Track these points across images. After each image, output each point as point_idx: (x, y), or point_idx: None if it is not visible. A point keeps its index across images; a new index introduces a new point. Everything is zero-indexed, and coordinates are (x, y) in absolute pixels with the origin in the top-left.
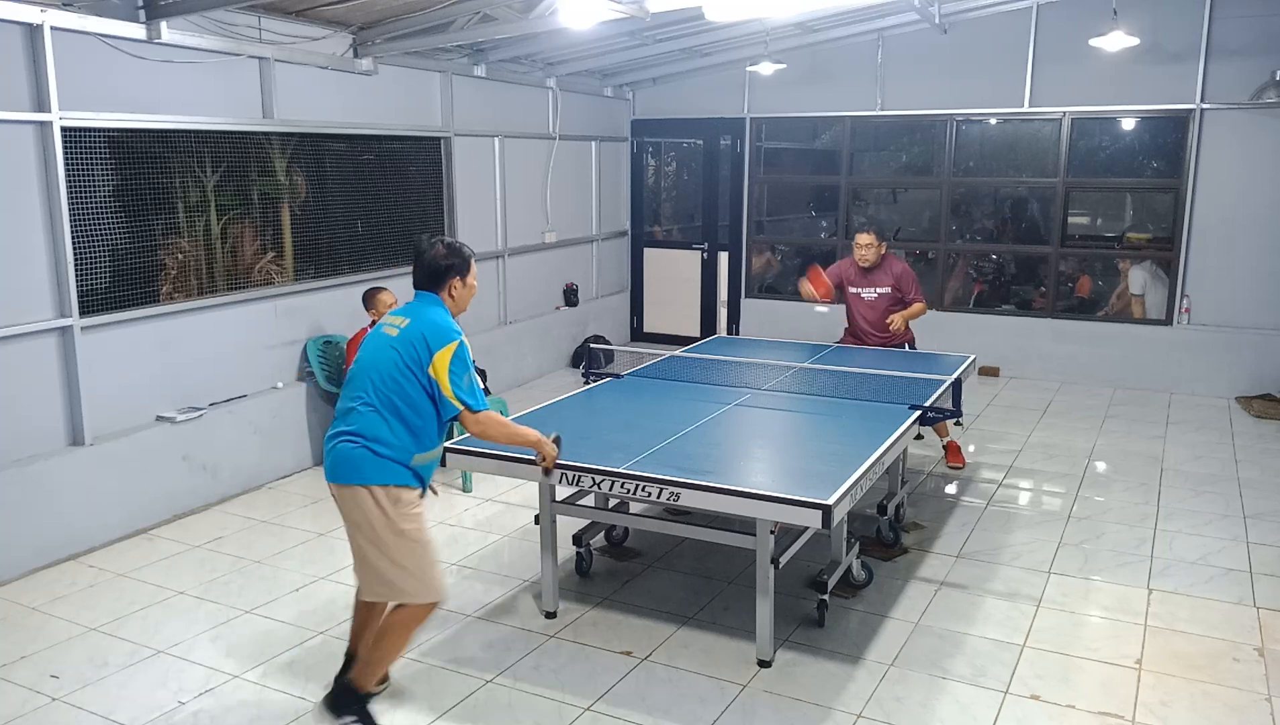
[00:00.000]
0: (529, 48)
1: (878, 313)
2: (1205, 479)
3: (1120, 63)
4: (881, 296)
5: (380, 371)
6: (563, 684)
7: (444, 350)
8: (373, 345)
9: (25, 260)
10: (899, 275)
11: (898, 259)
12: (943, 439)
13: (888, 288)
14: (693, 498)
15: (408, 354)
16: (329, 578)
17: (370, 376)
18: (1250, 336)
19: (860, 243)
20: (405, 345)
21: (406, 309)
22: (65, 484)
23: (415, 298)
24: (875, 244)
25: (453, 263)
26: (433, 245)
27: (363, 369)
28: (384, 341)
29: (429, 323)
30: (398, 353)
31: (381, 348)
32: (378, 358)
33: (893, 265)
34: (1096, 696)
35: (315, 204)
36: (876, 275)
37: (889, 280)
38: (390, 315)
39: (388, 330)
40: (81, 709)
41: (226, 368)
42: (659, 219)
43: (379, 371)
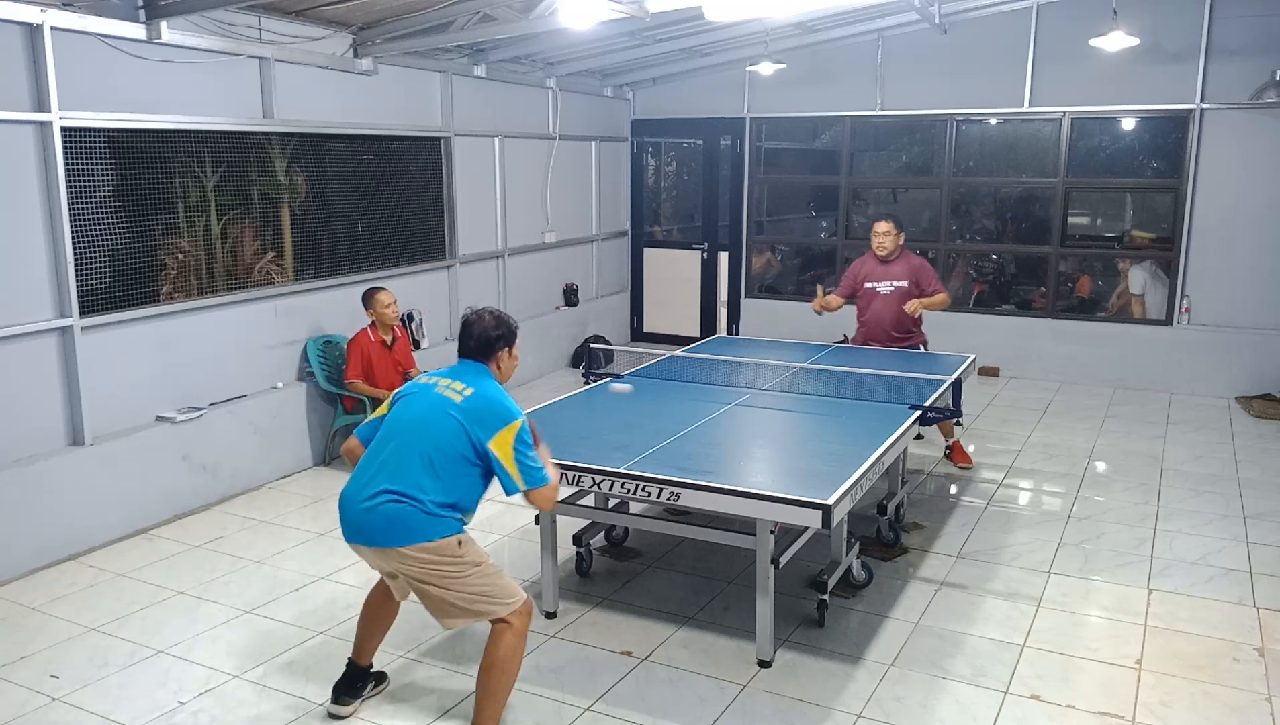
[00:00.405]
0: (529, 48)
1: (893, 308)
2: (1205, 479)
3: (1120, 63)
4: (897, 290)
5: (438, 433)
6: (563, 684)
7: (507, 429)
8: (426, 404)
9: (25, 260)
10: (916, 268)
11: (911, 254)
12: (947, 440)
13: (904, 282)
14: (693, 498)
15: (470, 423)
16: (329, 578)
17: (426, 436)
18: (1250, 336)
19: (879, 231)
20: (468, 414)
21: (463, 377)
22: (65, 484)
23: (462, 365)
24: (894, 232)
25: (501, 333)
26: (480, 316)
27: (413, 427)
28: (443, 403)
29: (494, 399)
30: (460, 421)
31: (439, 410)
32: (434, 419)
33: (910, 258)
34: (1096, 696)
35: (315, 204)
36: (894, 268)
37: (906, 274)
38: (442, 377)
39: (448, 393)
40: (81, 709)
41: (226, 368)
42: (659, 219)
43: (436, 433)
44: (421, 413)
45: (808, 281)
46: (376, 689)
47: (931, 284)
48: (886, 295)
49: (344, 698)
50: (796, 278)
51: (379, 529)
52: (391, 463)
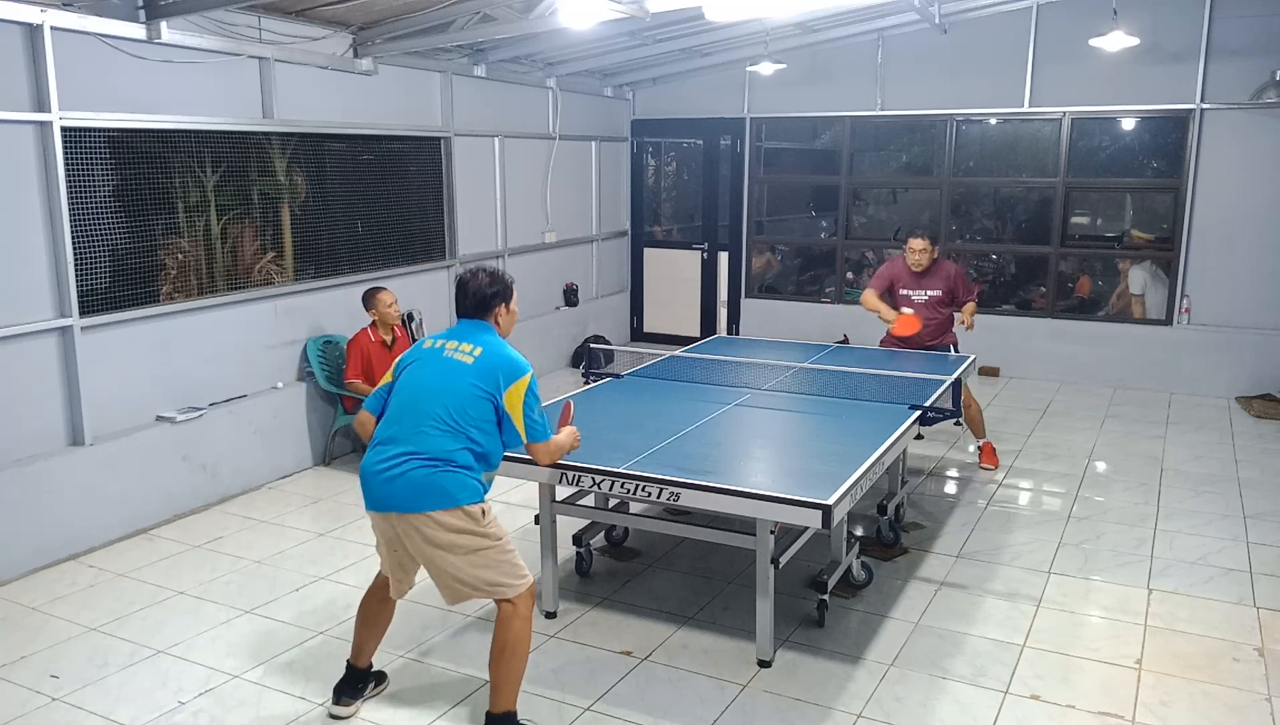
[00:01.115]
0: (529, 48)
1: (925, 315)
2: (1205, 479)
3: (1120, 63)
4: (932, 299)
5: (455, 395)
6: (563, 684)
7: (518, 383)
8: (439, 368)
9: (25, 260)
10: (952, 277)
11: (947, 260)
12: (978, 440)
13: (939, 291)
14: (693, 498)
15: (485, 382)
16: (329, 578)
17: (443, 400)
18: (1250, 336)
19: (914, 248)
20: (482, 374)
21: (468, 337)
22: (65, 484)
23: (462, 325)
24: (929, 249)
25: (497, 290)
26: (475, 274)
27: (430, 391)
28: (455, 366)
29: (503, 355)
30: (474, 379)
31: (453, 372)
32: (450, 382)
33: (945, 267)
34: (1096, 696)
35: (315, 204)
36: (929, 278)
37: (941, 283)
38: (449, 340)
39: (457, 356)
40: (81, 709)
41: (226, 368)
42: (659, 219)
43: (454, 395)
44: (436, 376)
45: (808, 282)
46: (377, 689)
47: (964, 292)
48: (920, 304)
49: (345, 699)
50: (796, 278)
51: (407, 495)
52: (411, 428)
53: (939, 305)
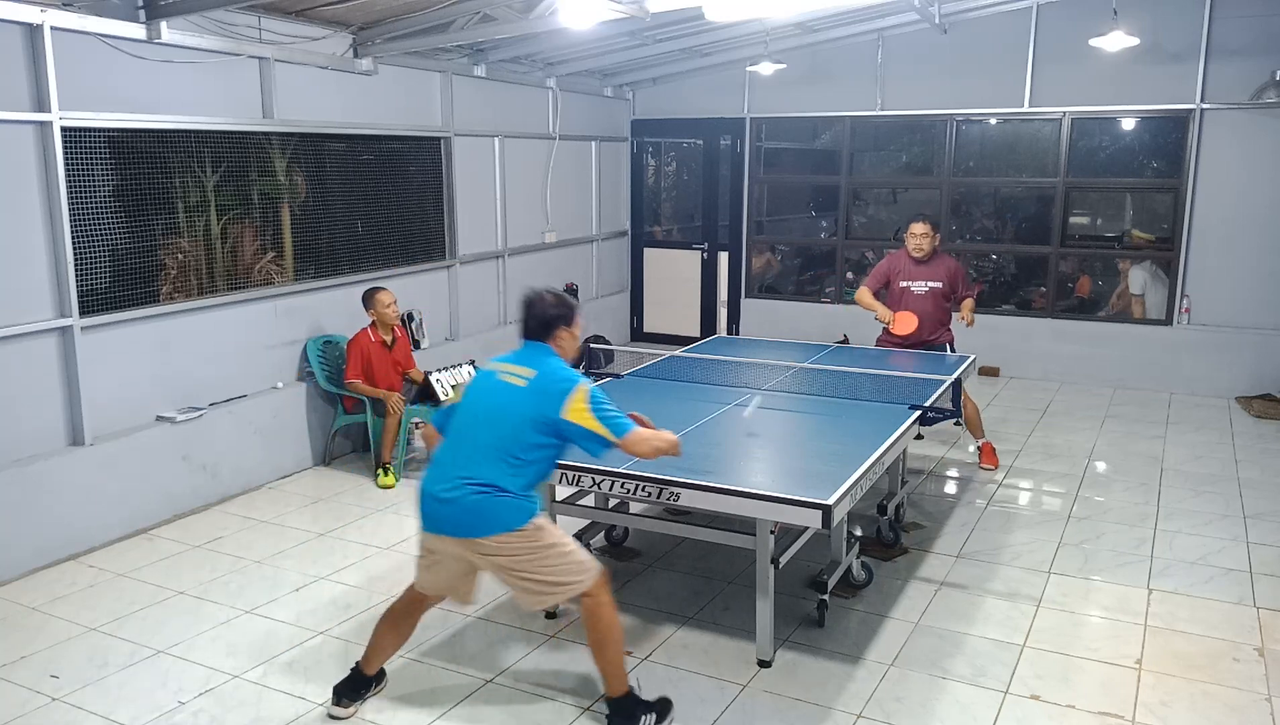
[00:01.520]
0: (529, 48)
1: (925, 307)
2: (1205, 479)
3: (1120, 63)
4: (932, 291)
5: (505, 421)
6: (563, 684)
7: (574, 396)
8: (493, 394)
9: (25, 260)
10: (953, 270)
11: (948, 256)
12: (977, 439)
13: (940, 282)
14: (693, 498)
15: (538, 406)
16: (329, 578)
17: (493, 426)
18: (1250, 336)
19: (915, 232)
20: (535, 398)
21: (526, 360)
22: (65, 484)
23: (525, 347)
24: (930, 233)
25: (561, 313)
26: (539, 296)
27: (484, 417)
28: (508, 391)
29: (554, 377)
30: (526, 404)
31: (506, 398)
32: (503, 407)
33: (946, 260)
34: (1096, 696)
35: (315, 204)
36: (929, 268)
37: (942, 274)
38: (506, 363)
39: (511, 379)
40: (81, 709)
41: (226, 368)
42: (659, 219)
43: (504, 421)
44: (491, 402)
45: (808, 282)
46: (376, 688)
47: (962, 287)
48: (921, 295)
49: (345, 700)
50: (796, 278)
51: (462, 521)
52: (467, 453)
53: (939, 298)
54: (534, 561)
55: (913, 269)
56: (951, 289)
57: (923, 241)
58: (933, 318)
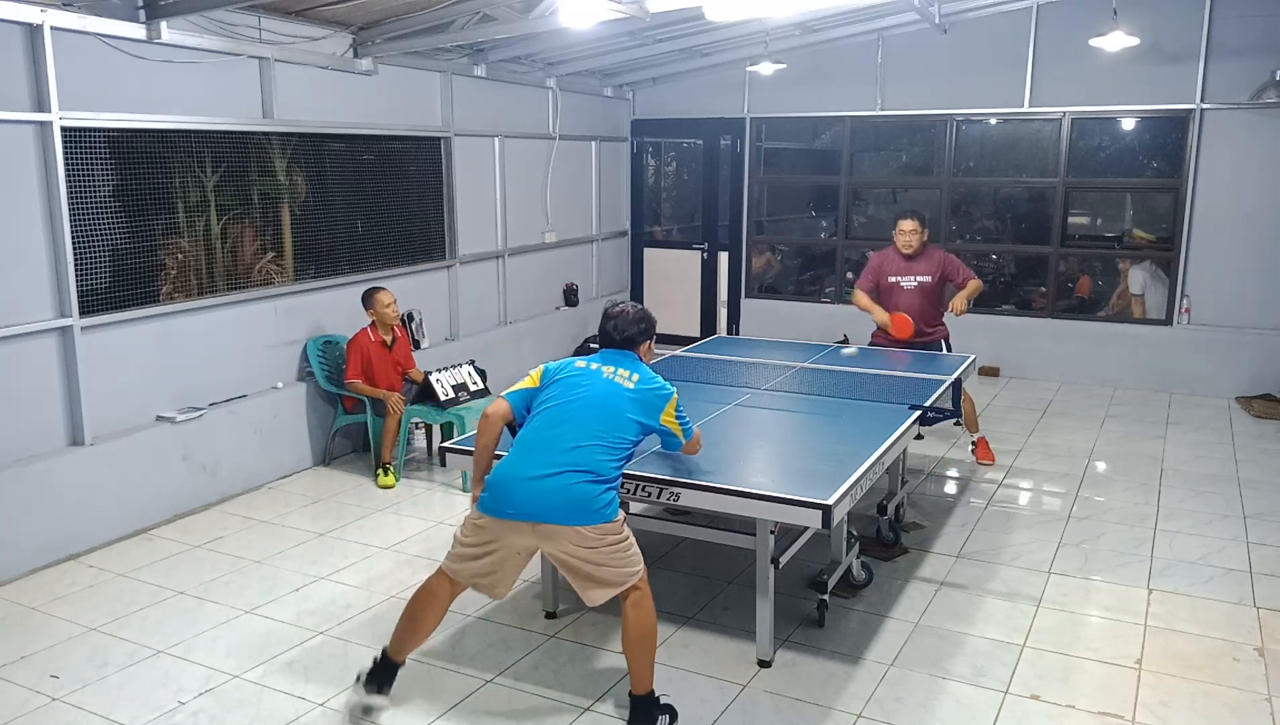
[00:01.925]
0: (529, 48)
1: (915, 302)
2: (1205, 479)
3: (1120, 63)
4: (921, 285)
5: (614, 416)
6: (563, 684)
7: (671, 404)
8: (600, 389)
9: (25, 260)
10: (942, 261)
11: (939, 248)
12: (973, 435)
13: (929, 276)
14: (693, 498)
15: (642, 407)
16: (329, 578)
17: (604, 418)
18: (1250, 336)
19: (904, 229)
20: (640, 400)
21: (625, 364)
22: (65, 484)
23: (614, 353)
24: (919, 230)
25: (644, 327)
26: (623, 310)
27: (590, 409)
28: (617, 389)
29: (657, 383)
30: (631, 403)
31: (615, 394)
32: (611, 402)
33: (933, 253)
34: (1096, 696)
35: (315, 204)
36: (918, 263)
37: (931, 268)
38: (605, 364)
39: (618, 379)
40: (81, 709)
41: (226, 368)
42: (659, 219)
43: (613, 416)
44: (597, 396)
45: (808, 282)
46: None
47: (961, 274)
48: (910, 290)
49: (384, 686)
50: (796, 278)
51: (562, 507)
52: (570, 441)
53: (928, 292)
54: (614, 554)
55: (901, 264)
56: (943, 280)
57: (911, 238)
58: (922, 312)
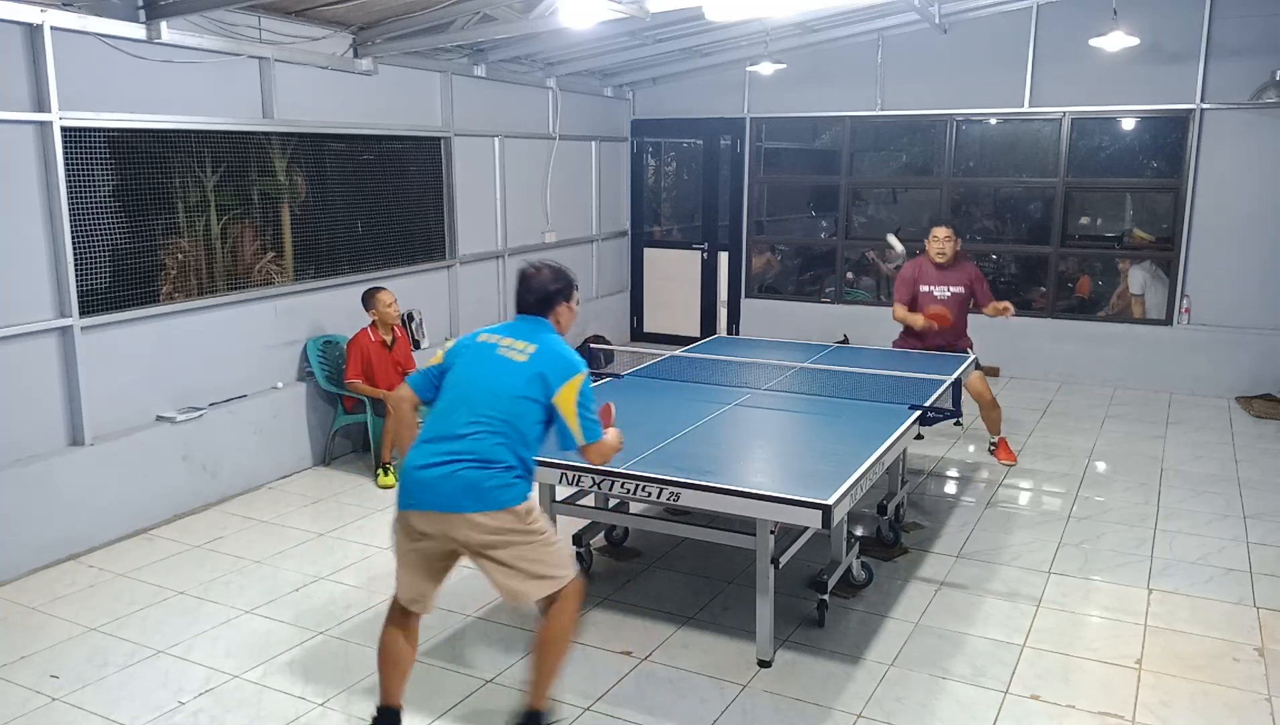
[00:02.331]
0: (529, 48)
1: (949, 312)
2: (1205, 479)
3: (1120, 63)
4: (954, 296)
5: (504, 396)
6: (563, 684)
7: (571, 382)
8: (491, 366)
9: (25, 260)
10: (974, 277)
11: (968, 261)
12: (993, 436)
13: (961, 287)
14: (693, 498)
15: (536, 382)
16: (329, 578)
17: (492, 400)
18: (1250, 336)
19: (939, 236)
20: (536, 373)
21: (523, 334)
22: (65, 484)
23: (520, 321)
24: (954, 237)
25: (560, 287)
26: (538, 270)
27: (481, 389)
28: (506, 365)
29: (556, 353)
30: (525, 379)
31: (505, 371)
32: (500, 381)
33: (966, 265)
34: (1096, 696)
35: (315, 204)
36: (952, 273)
37: (964, 279)
38: (504, 336)
39: (510, 353)
40: (81, 709)
41: (226, 368)
42: (659, 219)
43: (503, 396)
44: (487, 374)
45: (808, 282)
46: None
47: (986, 294)
48: (943, 300)
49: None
50: (796, 278)
51: (454, 495)
52: (459, 426)
53: (961, 302)
54: (525, 549)
55: (934, 273)
56: (971, 293)
57: (945, 246)
58: (957, 323)
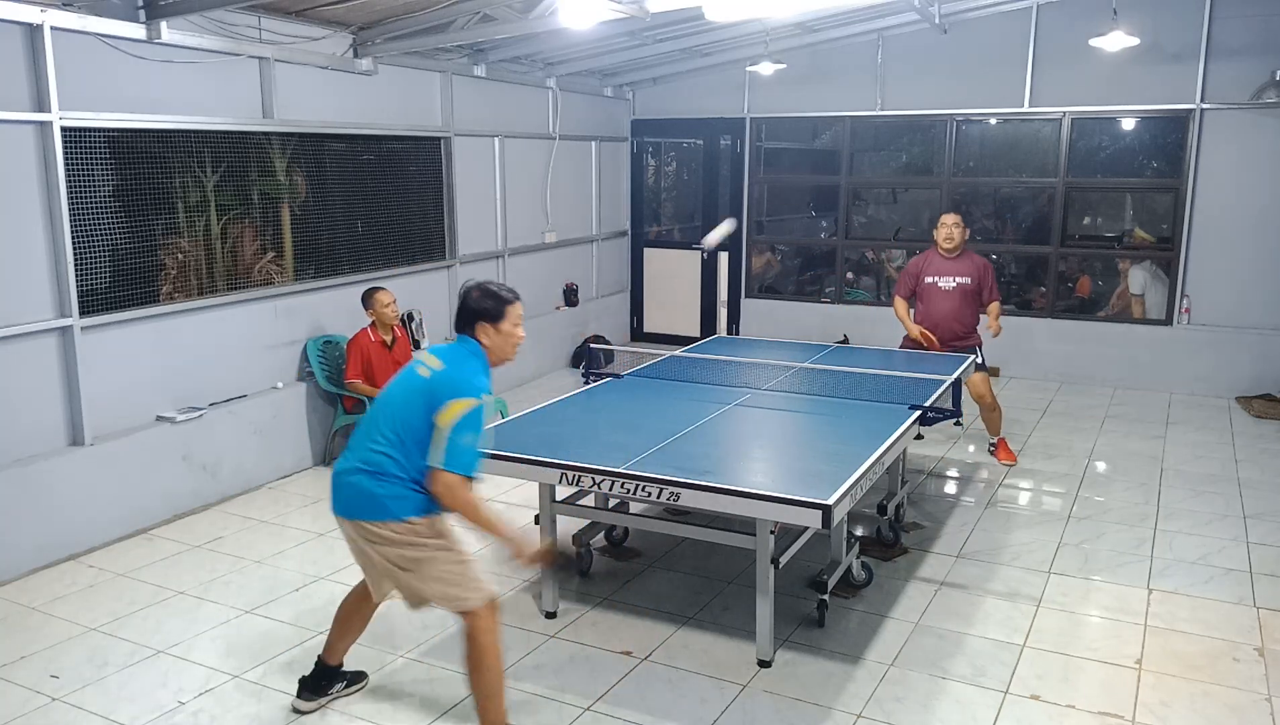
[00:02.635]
0: (529, 48)
1: (953, 305)
2: (1205, 479)
3: (1120, 63)
4: (960, 286)
5: (405, 408)
6: (563, 684)
7: (457, 403)
8: (403, 384)
9: (25, 260)
10: (982, 268)
11: (977, 254)
12: (992, 437)
13: (968, 278)
14: (693, 498)
15: (429, 397)
16: (329, 578)
17: (391, 413)
18: (1250, 336)
19: (947, 222)
20: (430, 389)
21: (444, 353)
22: (65, 484)
23: (458, 340)
24: (961, 224)
25: (486, 308)
26: (474, 289)
27: (388, 404)
28: (415, 383)
29: (456, 376)
30: (423, 395)
31: (409, 386)
32: (404, 394)
33: (974, 257)
34: (1096, 696)
35: (315, 204)
36: (958, 263)
37: (970, 270)
38: (429, 354)
39: (421, 371)
40: (81, 709)
41: (226, 368)
42: (659, 219)
43: (404, 408)
44: (395, 389)
45: (808, 282)
46: (351, 688)
47: (989, 287)
48: (949, 291)
49: (306, 694)
50: (796, 278)
51: (348, 501)
52: (364, 437)
53: (968, 294)
54: (417, 559)
55: (941, 263)
56: (979, 286)
57: (954, 231)
58: (959, 316)
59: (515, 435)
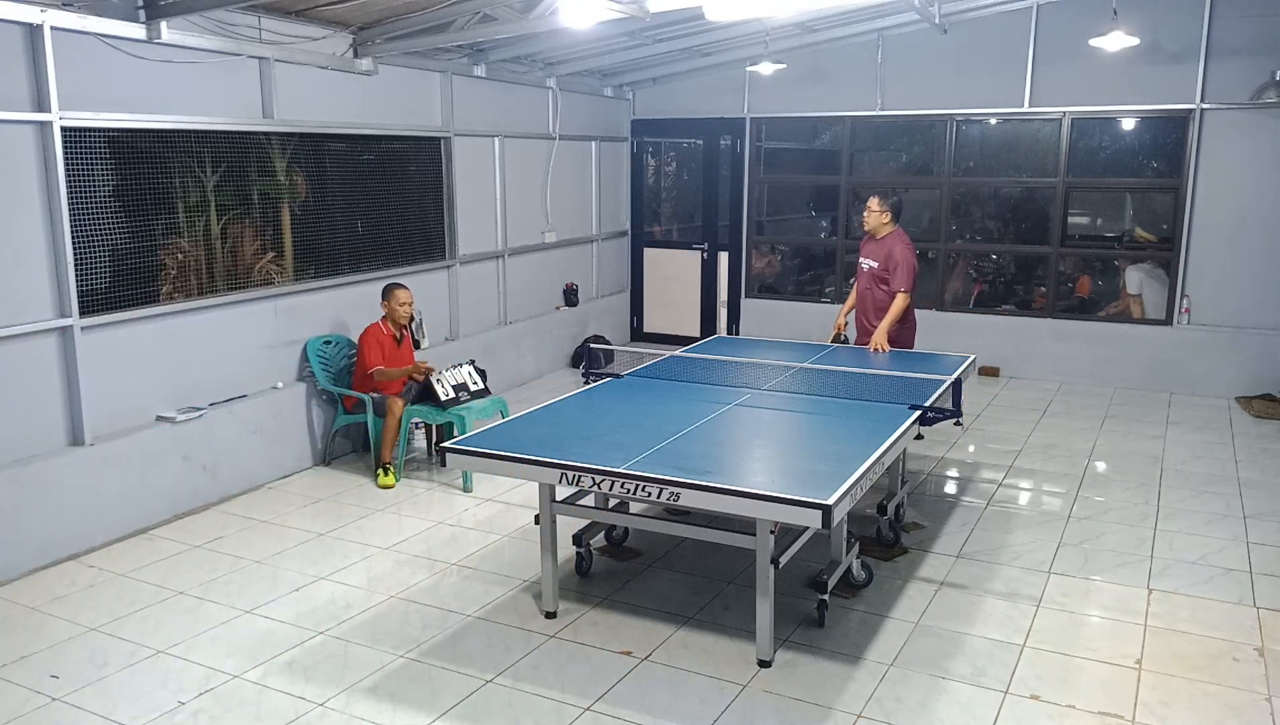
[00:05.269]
0: (529, 48)
1: (865, 289)
2: (1205, 479)
3: (1120, 63)
4: (870, 271)
5: None
6: (563, 684)
7: None
8: None
9: (25, 260)
10: (889, 252)
11: (901, 240)
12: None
13: (877, 263)
14: (693, 498)
15: None
16: (329, 578)
17: None
18: (1250, 336)
19: (868, 206)
20: None
21: None
22: (65, 484)
23: None
24: (877, 210)
25: None
26: None
27: None
28: None
29: None
30: None
31: None
32: None
33: (893, 241)
34: (1096, 696)
35: (315, 204)
36: (875, 245)
37: (879, 255)
38: None
39: None
40: (81, 709)
41: (226, 368)
42: (659, 219)
43: None
44: None
45: (808, 282)
46: None
47: (894, 278)
48: (864, 272)
49: None
50: (796, 278)
51: None
52: None
53: (877, 281)
54: None
55: (865, 245)
56: (886, 272)
57: (869, 219)
58: (875, 302)
59: (515, 435)
